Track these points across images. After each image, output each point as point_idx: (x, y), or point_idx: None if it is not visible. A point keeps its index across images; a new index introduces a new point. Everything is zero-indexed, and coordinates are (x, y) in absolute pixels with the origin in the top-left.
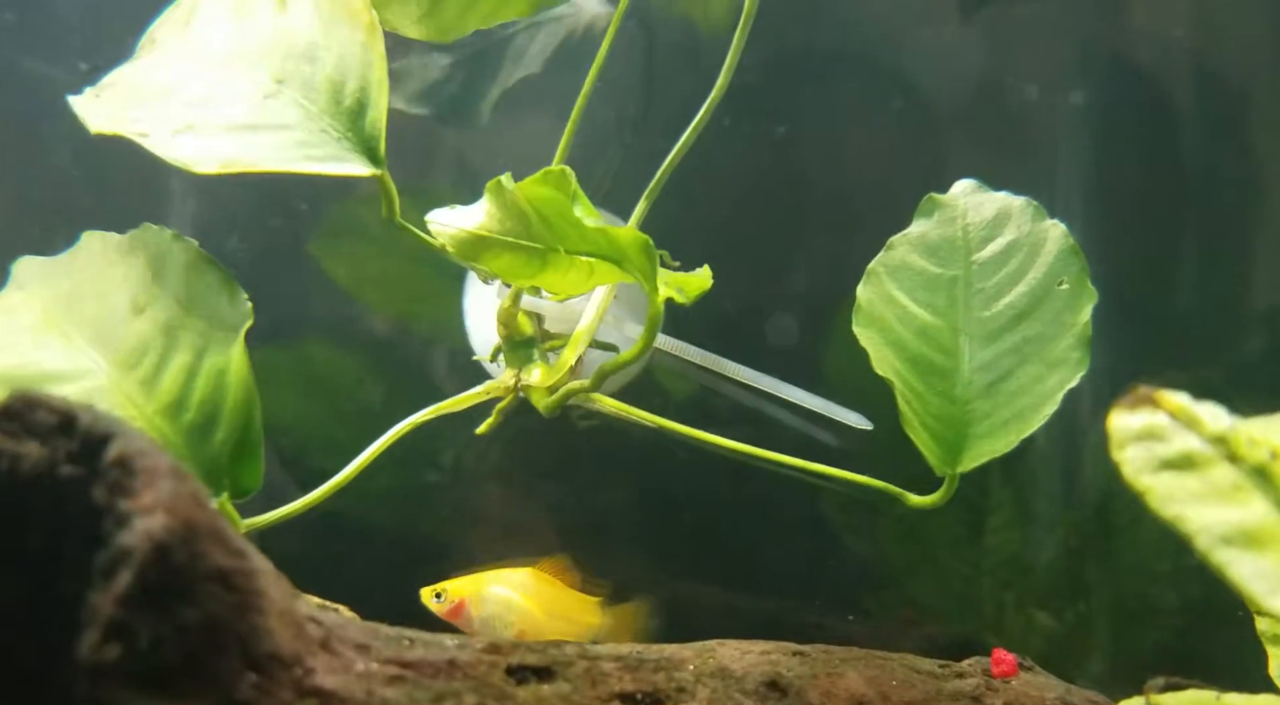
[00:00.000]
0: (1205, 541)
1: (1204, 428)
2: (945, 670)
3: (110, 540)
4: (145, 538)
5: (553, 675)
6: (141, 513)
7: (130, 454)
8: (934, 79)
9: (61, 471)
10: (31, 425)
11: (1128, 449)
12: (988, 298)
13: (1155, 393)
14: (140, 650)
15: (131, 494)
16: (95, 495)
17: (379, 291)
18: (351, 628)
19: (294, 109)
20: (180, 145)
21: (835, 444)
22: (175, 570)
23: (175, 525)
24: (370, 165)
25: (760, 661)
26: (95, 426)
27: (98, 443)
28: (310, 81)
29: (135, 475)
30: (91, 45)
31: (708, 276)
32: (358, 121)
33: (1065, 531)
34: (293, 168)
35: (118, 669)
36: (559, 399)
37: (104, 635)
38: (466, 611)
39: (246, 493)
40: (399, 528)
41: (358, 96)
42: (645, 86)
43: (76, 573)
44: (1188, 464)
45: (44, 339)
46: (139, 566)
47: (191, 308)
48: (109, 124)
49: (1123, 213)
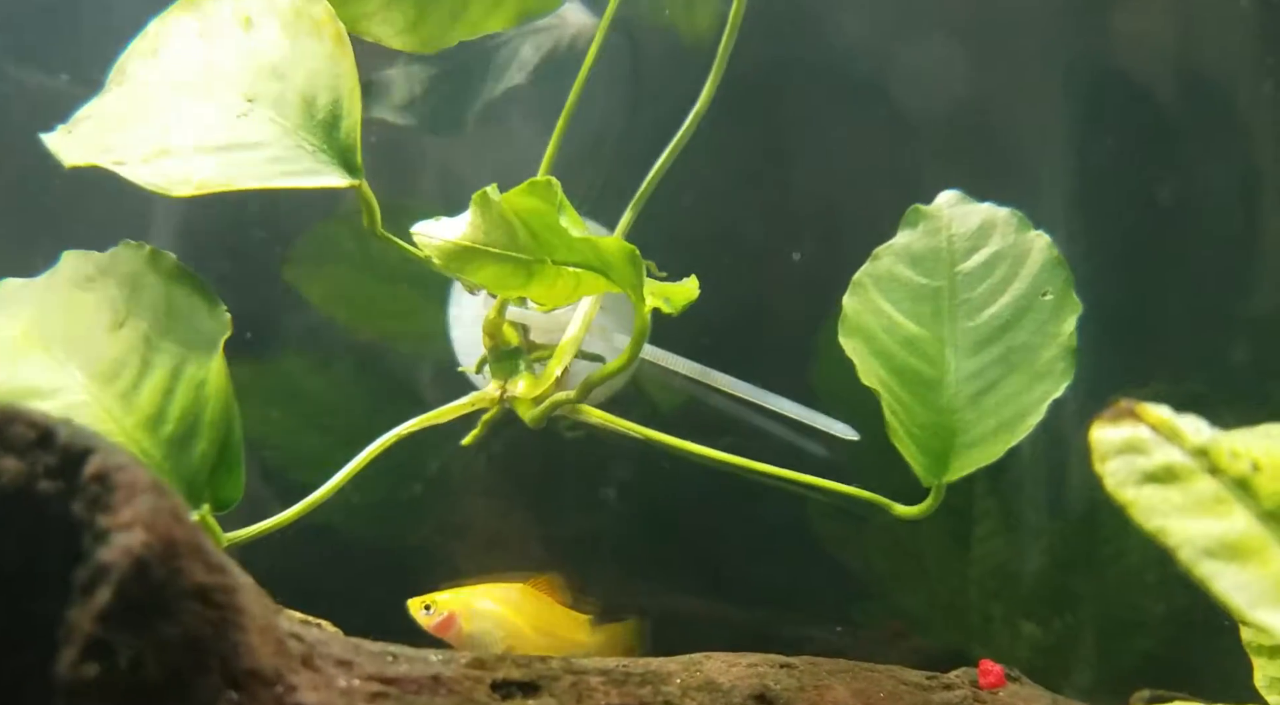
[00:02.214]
0: (1188, 554)
1: (1185, 440)
2: (933, 682)
3: (89, 556)
4: (124, 554)
5: (538, 690)
6: (120, 528)
7: (109, 469)
8: (917, 89)
9: (39, 487)
10: (9, 440)
11: (1110, 462)
12: (973, 308)
13: (1137, 406)
14: (119, 668)
15: (110, 509)
16: (74, 510)
17: (357, 313)
18: (334, 643)
19: (267, 126)
20: (155, 170)
21: (822, 454)
22: (155, 587)
23: (154, 541)
24: (347, 176)
25: (748, 674)
26: (74, 441)
27: (77, 457)
28: (281, 98)
29: (114, 490)
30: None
31: (694, 286)
32: (332, 133)
33: (1051, 541)
34: (269, 184)
35: (96, 688)
36: (545, 410)
37: (82, 653)
38: (456, 625)
39: (227, 505)
40: (381, 540)
41: (330, 109)
42: (630, 97)
43: (53, 590)
44: (1170, 476)
45: (24, 355)
46: (118, 583)
47: (170, 321)
48: (83, 156)
49: (1104, 221)
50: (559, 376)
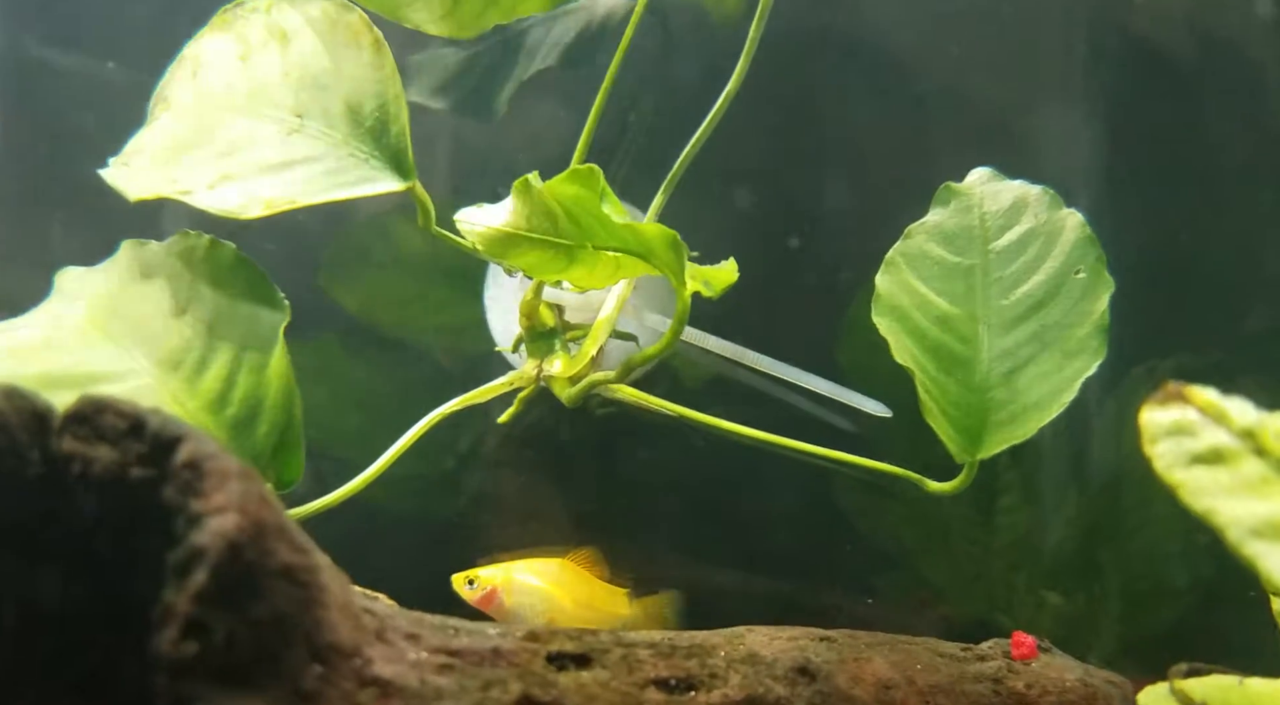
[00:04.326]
0: (1236, 534)
1: (1232, 422)
2: (967, 653)
3: (183, 540)
4: (218, 537)
5: (590, 662)
6: (213, 513)
7: (200, 456)
8: (951, 65)
9: (132, 474)
10: (101, 429)
11: (1159, 444)
12: (1005, 286)
13: (1185, 388)
14: (216, 646)
15: (203, 494)
16: (165, 496)
17: (391, 314)
18: (400, 618)
19: (318, 140)
20: (222, 196)
21: (847, 429)
22: (246, 568)
23: (246, 524)
24: (401, 179)
25: (789, 647)
26: (165, 430)
27: (167, 445)
28: (328, 110)
29: (205, 476)
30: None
31: (733, 269)
32: (382, 139)
33: (1076, 512)
34: (329, 197)
35: (196, 664)
36: (582, 389)
37: (182, 632)
38: (498, 599)
39: (289, 484)
40: (418, 514)
41: (377, 115)
42: (660, 76)
43: (146, 571)
44: (1217, 458)
45: (91, 342)
46: (213, 565)
47: (230, 308)
48: (149, 189)
49: (1131, 191)
50: (594, 356)
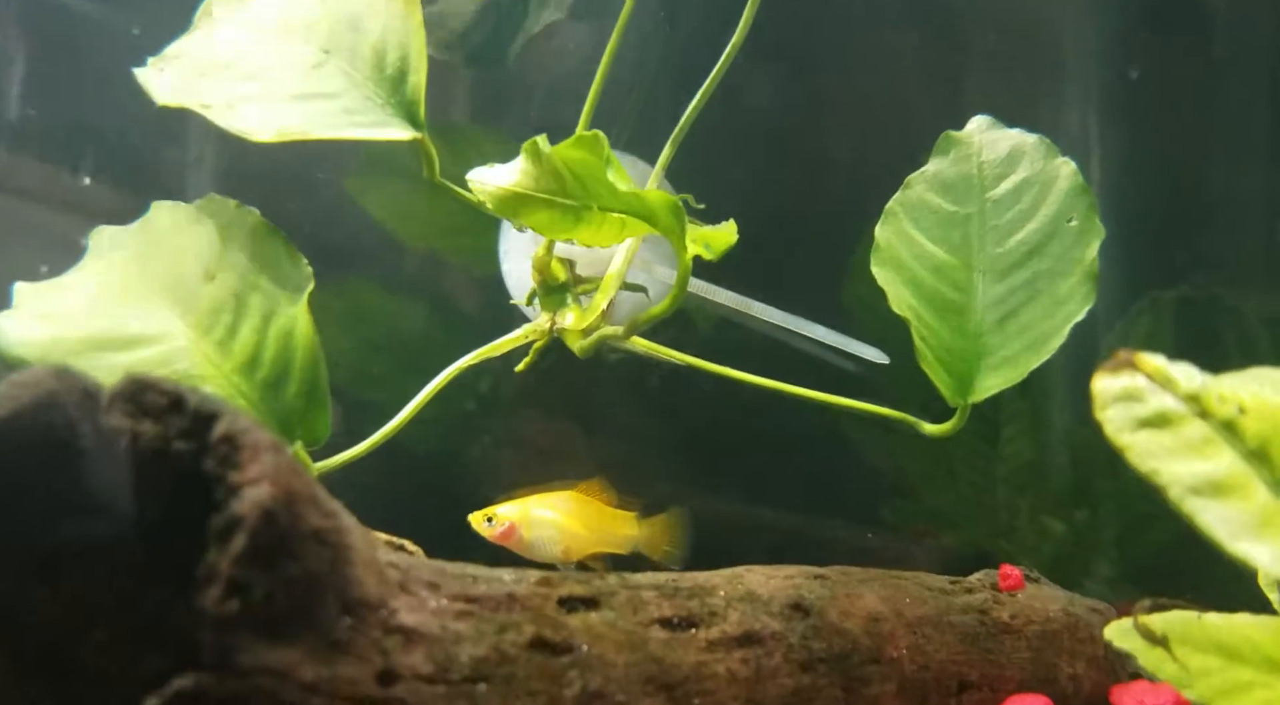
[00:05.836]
0: (1176, 492)
1: (1178, 387)
2: (955, 586)
3: (224, 507)
4: (255, 505)
5: (598, 604)
6: (250, 483)
7: (235, 431)
8: (951, 15)
9: (175, 447)
10: (145, 405)
11: (1109, 409)
12: (1001, 235)
13: (1135, 356)
14: (256, 602)
15: (239, 466)
16: (205, 467)
17: (413, 226)
18: (422, 568)
19: (340, 78)
20: (239, 116)
21: (852, 370)
22: (280, 532)
23: (279, 493)
24: (412, 129)
25: (785, 586)
26: (203, 406)
27: (205, 420)
28: (355, 51)
29: (241, 450)
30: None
31: (733, 231)
32: (399, 87)
33: (1075, 441)
34: (340, 134)
35: (239, 619)
36: (593, 342)
37: (225, 591)
38: (517, 534)
39: (317, 441)
40: (436, 454)
41: (399, 64)
42: (666, 30)
43: (187, 534)
44: (1163, 422)
45: (126, 305)
46: (251, 530)
47: (257, 272)
48: (174, 97)
49: (1132, 126)
50: (605, 309)
